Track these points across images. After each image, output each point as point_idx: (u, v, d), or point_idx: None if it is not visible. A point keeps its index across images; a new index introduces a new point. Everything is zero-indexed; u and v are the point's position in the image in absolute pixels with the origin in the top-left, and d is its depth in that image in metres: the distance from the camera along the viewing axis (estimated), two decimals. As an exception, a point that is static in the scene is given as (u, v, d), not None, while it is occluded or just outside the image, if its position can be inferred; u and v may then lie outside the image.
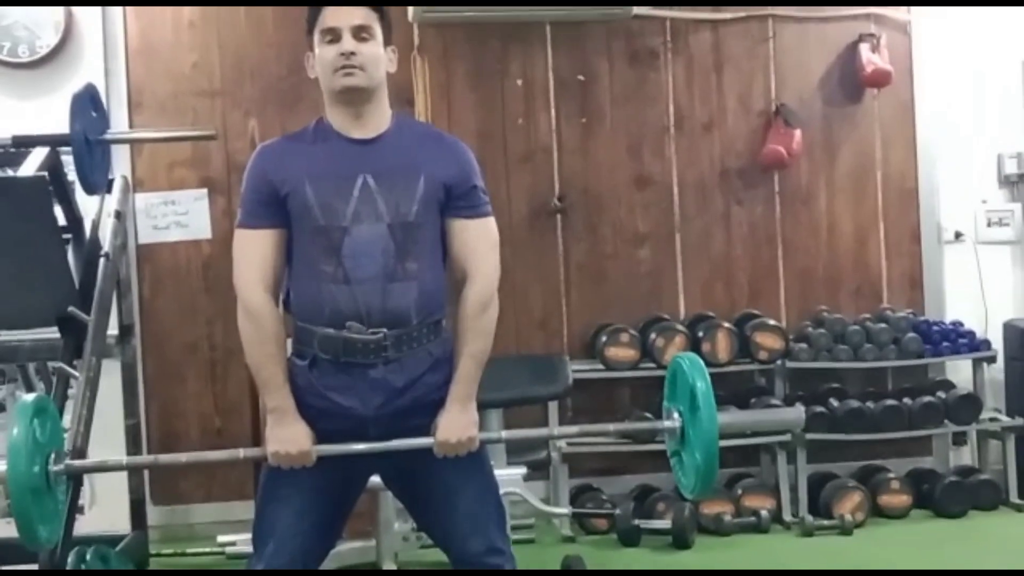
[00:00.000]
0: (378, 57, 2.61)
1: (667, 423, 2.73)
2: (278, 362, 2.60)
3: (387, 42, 2.66)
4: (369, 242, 2.57)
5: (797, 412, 2.96)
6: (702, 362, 2.73)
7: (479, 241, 2.66)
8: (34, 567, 3.46)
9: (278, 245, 2.61)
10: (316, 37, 2.62)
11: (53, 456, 2.52)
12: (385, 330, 2.56)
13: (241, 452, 2.76)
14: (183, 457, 2.87)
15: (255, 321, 2.57)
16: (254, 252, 2.61)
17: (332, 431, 2.59)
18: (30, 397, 2.62)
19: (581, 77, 5.68)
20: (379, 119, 2.65)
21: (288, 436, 2.54)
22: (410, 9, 5.29)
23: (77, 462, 2.68)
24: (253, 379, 2.68)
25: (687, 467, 2.72)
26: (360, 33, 2.58)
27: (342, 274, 2.57)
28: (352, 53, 2.55)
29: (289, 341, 2.72)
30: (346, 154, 2.61)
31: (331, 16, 2.59)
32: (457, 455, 2.59)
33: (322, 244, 2.58)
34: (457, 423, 2.58)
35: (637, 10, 5.49)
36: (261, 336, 2.57)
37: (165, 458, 2.75)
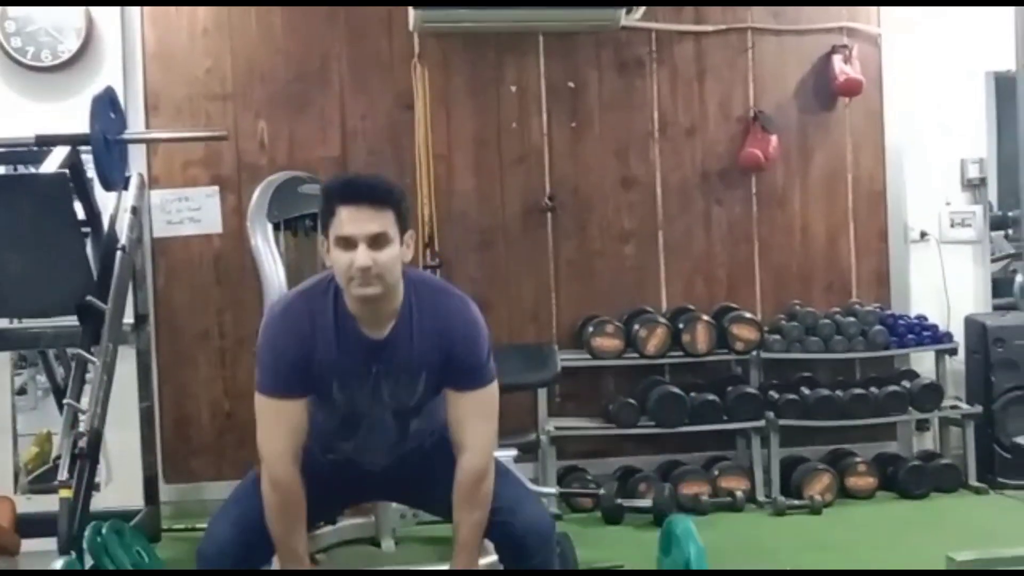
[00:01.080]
0: (394, 261, 2.46)
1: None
2: (300, 533, 2.60)
3: (403, 231, 2.50)
4: (378, 425, 2.65)
5: None
6: (694, 527, 2.82)
7: (472, 413, 2.60)
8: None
9: (305, 412, 2.57)
10: (330, 235, 2.47)
11: None
12: (390, 462, 2.76)
13: None
14: None
15: (282, 494, 2.53)
16: (286, 422, 2.54)
17: (345, 478, 2.78)
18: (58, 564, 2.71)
19: (571, 84, 5.67)
20: (391, 311, 2.54)
21: None
22: (411, 19, 5.28)
23: None
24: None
25: None
26: (376, 241, 2.42)
27: (356, 446, 2.71)
28: (367, 268, 2.40)
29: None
30: (364, 352, 2.55)
31: (348, 223, 2.42)
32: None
33: (341, 422, 2.65)
34: None
35: (625, 21, 5.48)
36: (286, 507, 2.54)
37: None
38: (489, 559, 2.85)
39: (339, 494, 2.86)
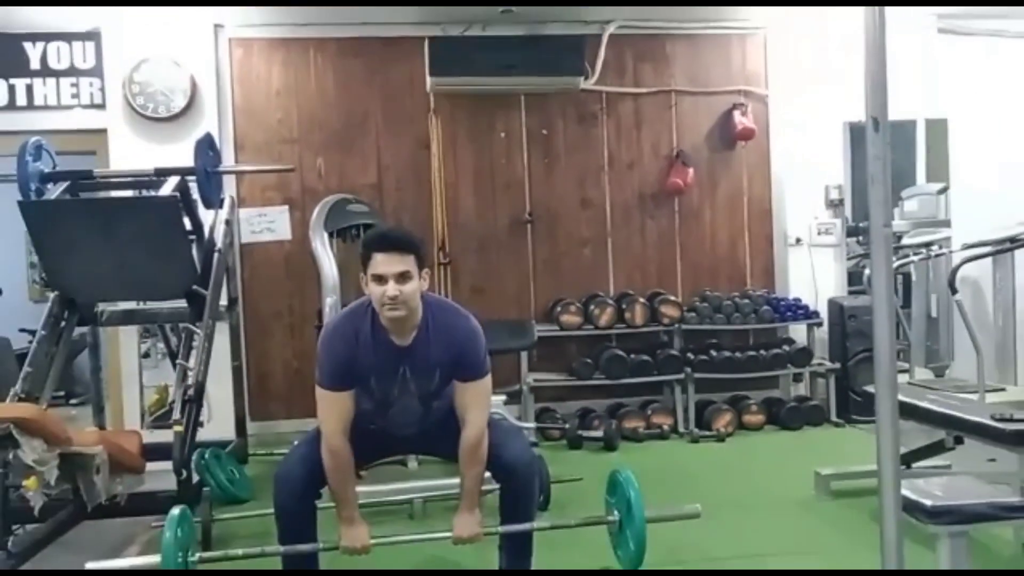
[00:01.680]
0: (415, 292, 2.49)
1: (610, 518, 2.83)
2: (350, 485, 2.63)
3: (421, 268, 2.52)
4: (406, 407, 2.67)
5: (695, 508, 2.98)
6: (634, 477, 2.80)
7: (474, 397, 2.63)
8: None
9: (352, 400, 2.59)
10: (368, 273, 2.50)
11: (190, 550, 2.60)
12: (418, 428, 2.76)
13: (314, 546, 2.63)
14: (281, 548, 2.72)
15: (336, 458, 2.56)
16: (337, 409, 2.56)
17: (381, 439, 2.78)
18: (176, 511, 2.62)
19: (544, 131, 5.66)
20: (413, 324, 2.56)
21: (356, 535, 2.62)
22: (428, 83, 5.27)
23: (204, 554, 2.70)
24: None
25: (624, 548, 2.79)
26: (402, 277, 2.46)
27: (390, 425, 2.72)
28: (395, 297, 2.45)
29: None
30: (394, 356, 2.57)
31: (381, 265, 2.46)
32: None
33: (375, 407, 2.65)
34: (467, 524, 2.65)
35: (583, 85, 5.48)
36: (340, 466, 2.57)
37: (270, 549, 2.70)
38: (489, 486, 2.85)
39: (377, 451, 2.93)
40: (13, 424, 2.74)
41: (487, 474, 2.70)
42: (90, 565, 2.63)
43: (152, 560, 2.53)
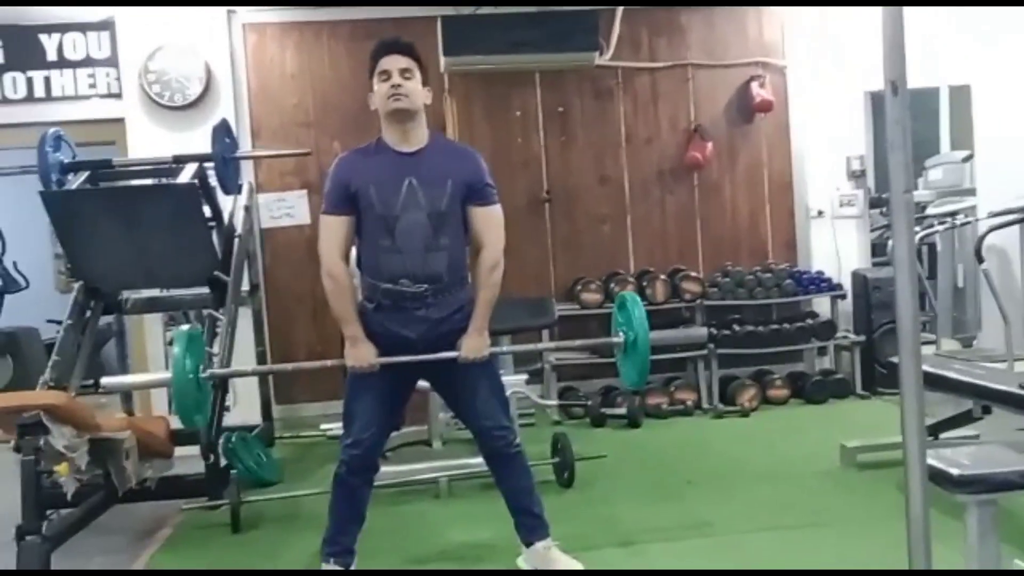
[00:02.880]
0: (418, 90, 2.64)
1: (616, 339, 2.80)
2: (351, 305, 2.66)
3: (424, 82, 2.68)
4: (413, 225, 2.60)
5: (702, 331, 3.00)
6: (639, 297, 2.83)
7: (488, 222, 2.69)
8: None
9: (351, 226, 2.65)
10: (375, 78, 2.65)
11: (201, 367, 2.60)
12: (426, 285, 2.63)
13: (329, 362, 2.75)
14: (289, 366, 2.85)
15: (334, 279, 2.63)
16: (335, 232, 2.65)
17: (391, 348, 2.66)
18: (185, 327, 2.71)
19: (561, 109, 5.64)
20: (419, 136, 2.66)
21: (360, 354, 2.63)
22: (442, 64, 5.25)
23: (218, 370, 2.74)
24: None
25: (629, 367, 2.79)
26: (405, 73, 2.61)
27: (395, 247, 2.61)
28: (399, 85, 2.59)
29: (359, 290, 2.77)
30: (396, 163, 2.62)
31: (385, 62, 2.63)
32: (475, 363, 2.65)
33: (381, 226, 2.61)
34: (475, 343, 2.66)
35: (598, 61, 5.44)
36: (339, 289, 2.64)
37: (277, 367, 2.79)
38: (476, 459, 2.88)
39: (393, 382, 2.72)
40: (43, 411, 2.79)
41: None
42: (105, 381, 2.74)
43: (164, 376, 2.60)
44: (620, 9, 5.50)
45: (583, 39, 5.30)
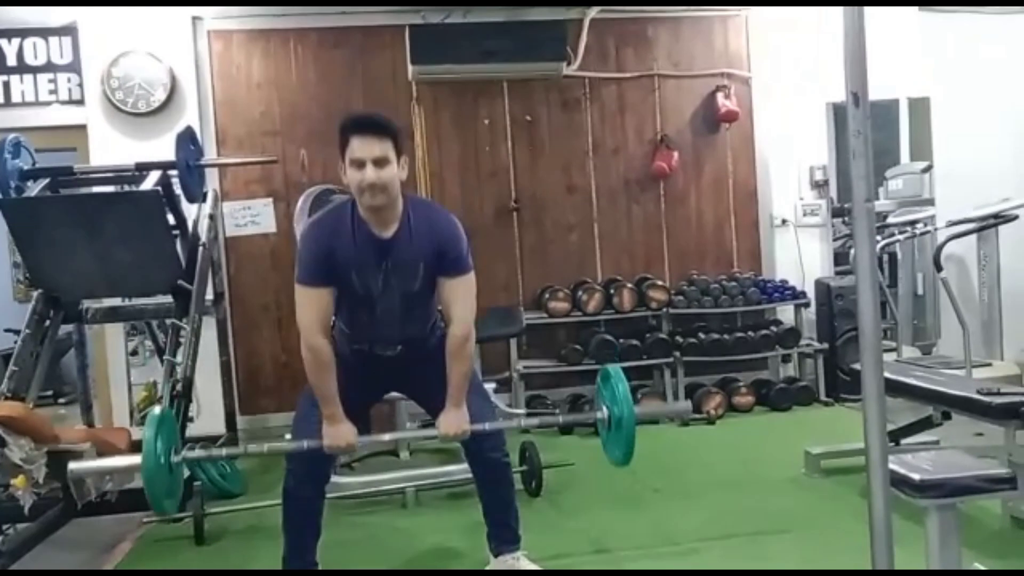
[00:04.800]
0: (394, 176, 2.46)
1: (599, 414, 2.73)
2: (331, 381, 2.55)
3: (399, 155, 2.49)
4: (389, 305, 2.60)
5: (686, 405, 2.97)
6: (623, 373, 2.73)
7: (457, 293, 2.59)
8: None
9: (331, 298, 2.55)
10: (346, 159, 2.45)
11: (172, 451, 2.49)
12: (400, 346, 2.68)
13: (305, 443, 2.57)
14: (265, 447, 2.66)
15: (315, 355, 2.52)
16: (316, 305, 2.53)
17: (360, 364, 2.67)
18: (156, 409, 2.53)
19: (528, 118, 5.65)
20: (395, 215, 2.53)
21: (339, 433, 2.56)
22: (410, 72, 5.24)
23: (188, 453, 2.59)
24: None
25: (614, 446, 2.71)
26: (380, 162, 2.42)
27: (372, 321, 2.63)
28: (373, 183, 2.42)
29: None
30: (375, 249, 2.53)
31: (357, 148, 2.42)
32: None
33: (360, 304, 2.60)
34: (454, 419, 2.60)
35: (566, 71, 5.47)
36: (319, 364, 2.53)
37: (253, 447, 2.67)
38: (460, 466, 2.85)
39: (364, 387, 2.76)
40: (-1, 423, 2.72)
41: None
42: (72, 466, 2.54)
43: (134, 460, 2.44)
44: (588, 19, 5.54)
45: (551, 49, 5.33)
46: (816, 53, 5.41)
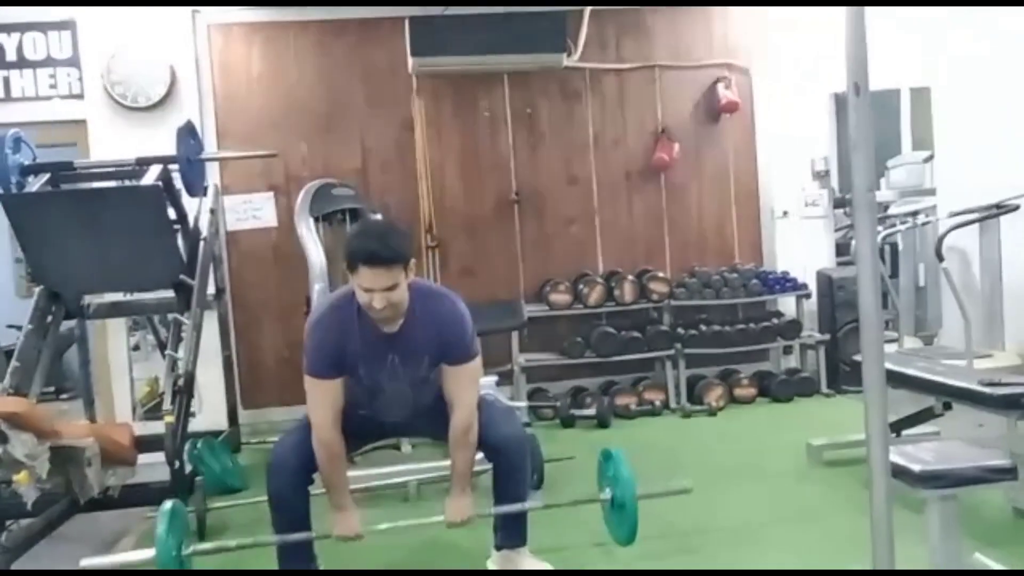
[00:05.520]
0: (403, 298, 2.46)
1: (603, 496, 2.80)
2: (342, 474, 2.60)
3: (407, 266, 2.45)
4: (396, 394, 2.64)
5: (685, 484, 2.98)
6: (624, 456, 2.77)
7: (461, 380, 2.60)
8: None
9: (341, 388, 2.56)
10: (354, 278, 2.42)
11: (184, 543, 2.56)
12: (410, 413, 2.74)
13: (313, 534, 2.60)
14: (274, 538, 2.65)
15: (327, 449, 2.53)
16: (327, 397, 2.53)
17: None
18: (167, 505, 2.57)
19: (529, 110, 5.64)
20: (400, 314, 2.52)
21: (348, 524, 2.59)
22: (411, 64, 5.23)
23: (200, 546, 2.65)
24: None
25: (617, 526, 2.77)
26: (390, 288, 2.40)
27: (379, 406, 2.68)
28: (384, 307, 2.41)
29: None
30: (382, 342, 2.54)
31: (367, 280, 2.39)
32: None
33: (367, 395, 2.63)
34: (459, 506, 2.64)
35: (566, 63, 5.45)
36: (331, 458, 2.55)
37: (263, 539, 2.69)
38: (481, 467, 2.84)
39: (368, 436, 2.91)
40: (2, 419, 2.73)
41: (479, 455, 2.71)
42: (84, 563, 2.61)
43: (147, 555, 2.52)
44: (588, 10, 5.52)
45: (551, 40, 5.31)
46: (817, 43, 5.39)
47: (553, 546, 2.96)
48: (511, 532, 2.78)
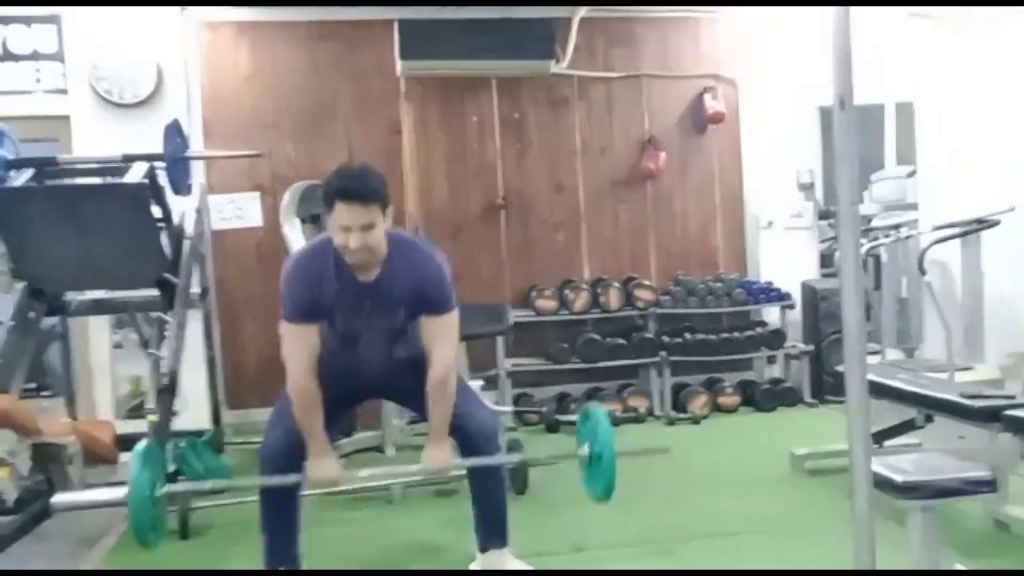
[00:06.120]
0: (380, 240, 2.47)
1: (581, 452, 2.78)
2: (318, 420, 2.56)
3: (384, 209, 2.47)
4: (372, 341, 2.64)
5: (663, 446, 3.00)
6: (606, 413, 2.76)
7: (439, 332, 2.60)
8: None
9: (317, 334, 2.56)
10: (333, 219, 2.44)
11: (157, 484, 2.51)
12: (387, 366, 2.71)
13: (292, 477, 2.58)
14: (248, 481, 2.69)
15: (303, 397, 2.53)
16: (303, 343, 2.53)
17: (345, 378, 2.69)
18: (141, 445, 2.55)
19: (516, 116, 5.67)
20: (377, 262, 2.53)
21: (324, 469, 2.57)
22: (399, 67, 5.25)
23: (174, 487, 2.64)
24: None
25: (595, 482, 2.75)
26: (367, 227, 2.41)
27: (356, 355, 2.67)
28: (359, 248, 2.42)
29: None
30: (357, 291, 2.54)
31: (344, 216, 2.41)
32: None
33: (344, 340, 2.63)
34: (438, 455, 2.64)
35: (554, 69, 5.49)
36: (307, 403, 2.54)
37: (240, 482, 2.69)
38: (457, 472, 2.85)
39: (346, 395, 2.78)
40: (-17, 416, 2.71)
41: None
42: (56, 499, 2.58)
43: (120, 492, 2.47)
44: (577, 18, 5.56)
45: (539, 47, 5.35)
46: (803, 57, 5.44)
47: (532, 551, 2.97)
48: (491, 533, 2.80)
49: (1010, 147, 4.95)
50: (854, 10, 1.65)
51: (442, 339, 2.59)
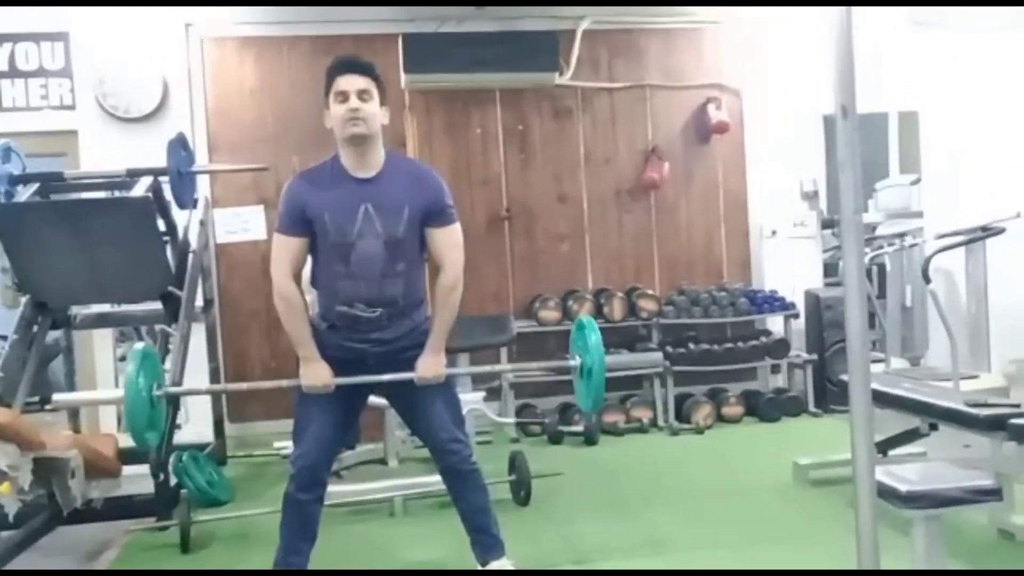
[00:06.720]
0: (376, 112, 2.57)
1: (572, 362, 2.78)
2: (304, 325, 2.61)
3: (382, 102, 2.60)
4: (369, 252, 2.57)
5: (656, 356, 2.99)
6: (595, 322, 2.77)
7: (447, 242, 2.65)
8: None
9: (304, 247, 2.59)
10: (331, 98, 2.56)
11: (155, 385, 2.54)
12: (381, 309, 2.61)
13: (284, 382, 2.70)
14: (244, 385, 2.87)
15: (287, 301, 2.58)
16: (288, 253, 2.58)
17: (345, 364, 2.63)
18: (139, 345, 2.62)
19: (520, 127, 5.67)
20: (376, 159, 2.59)
21: (315, 374, 2.59)
22: (403, 80, 5.25)
23: (171, 388, 2.68)
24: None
25: (584, 392, 2.76)
26: (363, 94, 2.53)
27: (350, 273, 2.58)
28: (356, 109, 2.51)
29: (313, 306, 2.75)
30: (353, 190, 2.55)
31: (342, 82, 2.54)
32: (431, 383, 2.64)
33: (336, 252, 2.58)
34: (431, 363, 2.64)
35: (558, 81, 5.50)
36: (291, 310, 2.58)
37: (232, 386, 2.73)
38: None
39: (348, 388, 2.67)
40: (-15, 429, 2.70)
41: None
42: (57, 397, 2.60)
43: (116, 393, 2.50)
44: (580, 30, 5.57)
45: (543, 59, 5.36)
46: (806, 66, 5.44)
47: (534, 565, 2.94)
48: (487, 546, 2.78)
49: (1014, 155, 4.93)
50: (856, 19, 1.63)
51: (452, 248, 2.64)
